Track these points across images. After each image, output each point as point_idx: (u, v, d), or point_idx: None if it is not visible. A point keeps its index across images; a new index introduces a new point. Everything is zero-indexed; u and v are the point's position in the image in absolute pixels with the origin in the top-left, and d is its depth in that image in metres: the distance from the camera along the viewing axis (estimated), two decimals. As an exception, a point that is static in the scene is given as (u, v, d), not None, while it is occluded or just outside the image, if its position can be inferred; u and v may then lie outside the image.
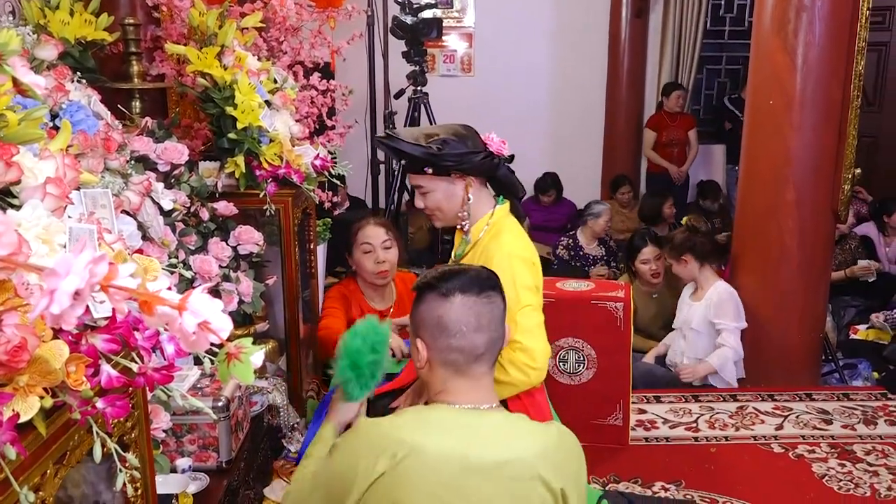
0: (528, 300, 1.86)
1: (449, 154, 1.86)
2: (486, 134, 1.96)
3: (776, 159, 3.57)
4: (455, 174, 1.91)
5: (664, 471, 2.97)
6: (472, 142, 1.91)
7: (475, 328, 1.45)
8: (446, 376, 1.47)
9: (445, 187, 1.93)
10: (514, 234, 1.96)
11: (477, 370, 1.47)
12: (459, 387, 1.46)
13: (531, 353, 1.82)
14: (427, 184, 1.93)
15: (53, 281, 0.69)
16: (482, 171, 1.94)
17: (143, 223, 1.66)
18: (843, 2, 3.39)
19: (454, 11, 6.62)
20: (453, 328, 1.45)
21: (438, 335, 1.46)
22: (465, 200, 1.93)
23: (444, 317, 1.45)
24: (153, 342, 0.91)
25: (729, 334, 3.62)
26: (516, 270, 1.86)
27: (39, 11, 1.96)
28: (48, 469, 0.90)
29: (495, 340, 1.49)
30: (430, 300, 1.48)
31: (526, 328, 1.83)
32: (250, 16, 2.54)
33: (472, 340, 1.45)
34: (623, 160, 6.68)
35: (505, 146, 1.96)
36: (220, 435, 1.92)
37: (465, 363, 1.45)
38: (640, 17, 6.48)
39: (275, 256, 2.48)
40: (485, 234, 1.94)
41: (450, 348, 1.45)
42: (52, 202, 0.96)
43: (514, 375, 1.82)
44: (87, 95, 1.72)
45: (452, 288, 1.47)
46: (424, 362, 1.49)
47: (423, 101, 4.61)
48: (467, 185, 1.93)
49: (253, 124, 2.23)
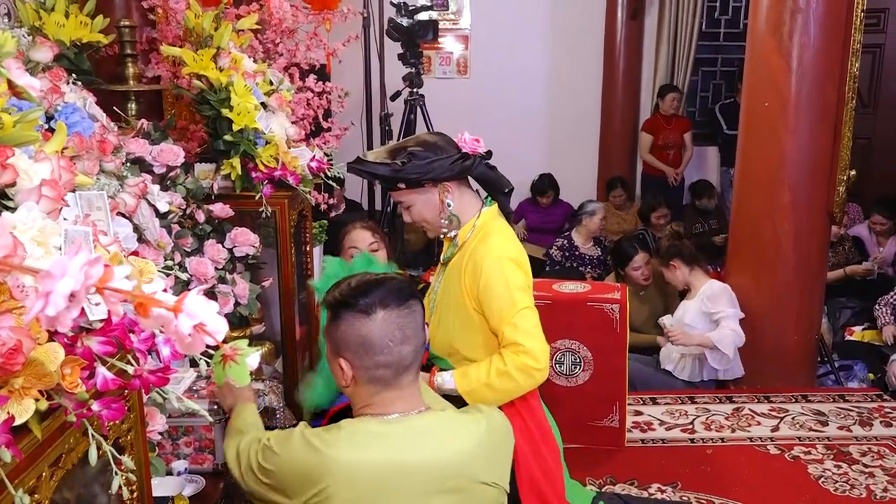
0: (524, 301, 1.86)
1: (413, 165, 1.85)
2: (459, 135, 1.94)
3: (771, 161, 3.58)
4: (427, 183, 1.90)
5: (660, 472, 2.97)
6: (443, 147, 1.90)
7: (401, 340, 1.42)
8: (373, 391, 1.44)
9: (422, 198, 1.92)
10: (503, 235, 1.95)
11: (405, 380, 1.44)
12: (387, 398, 1.44)
13: (534, 354, 1.82)
14: (406, 198, 1.94)
15: (49, 283, 0.69)
16: (454, 174, 1.91)
17: (139, 225, 1.65)
18: (837, 4, 3.40)
19: (450, 14, 6.62)
20: (379, 345, 1.41)
21: (364, 354, 1.42)
22: (444, 206, 1.92)
23: (369, 335, 1.41)
24: (149, 344, 0.91)
25: (728, 320, 3.60)
26: (508, 272, 1.86)
27: (34, 13, 1.96)
28: (44, 472, 0.90)
29: (419, 348, 1.47)
30: (349, 319, 1.43)
31: (525, 330, 1.83)
32: (246, 18, 2.54)
33: (399, 353, 1.42)
34: (619, 162, 6.69)
35: (479, 144, 1.93)
36: (217, 437, 1.91)
37: (394, 376, 1.43)
38: (636, 18, 6.49)
39: (271, 258, 2.47)
40: (472, 235, 1.93)
41: (377, 365, 1.42)
42: (47, 204, 0.96)
43: (521, 381, 1.83)
44: (83, 97, 1.71)
45: (372, 304, 1.42)
46: (350, 381, 1.45)
47: (419, 104, 4.61)
48: (442, 192, 1.91)
49: (249, 126, 2.22)
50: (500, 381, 1.82)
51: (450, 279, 1.96)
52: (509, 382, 1.81)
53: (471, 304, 1.88)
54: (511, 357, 1.81)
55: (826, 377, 4.02)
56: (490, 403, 1.83)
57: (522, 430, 1.92)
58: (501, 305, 1.83)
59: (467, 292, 1.89)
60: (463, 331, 1.92)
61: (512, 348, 1.82)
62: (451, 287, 1.94)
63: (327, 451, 1.36)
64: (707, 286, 3.69)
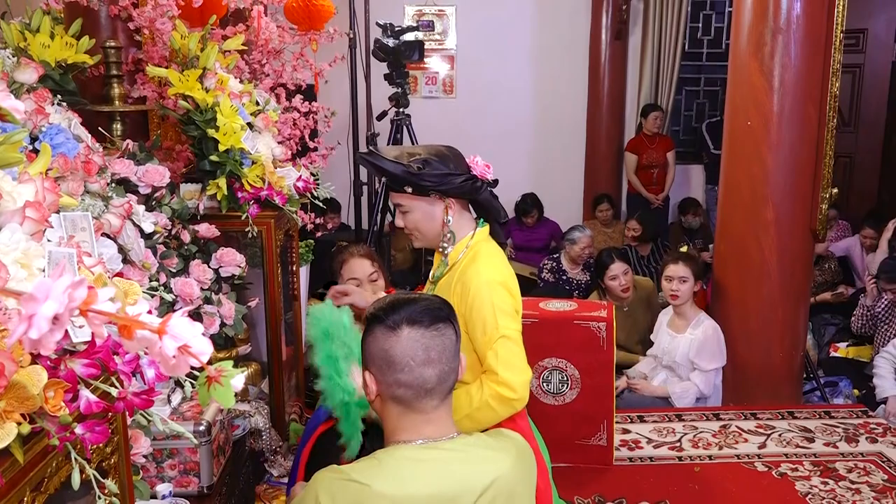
0: (508, 326, 1.84)
1: (429, 174, 1.85)
2: (472, 157, 1.95)
3: (755, 179, 3.62)
4: (434, 195, 1.90)
5: (649, 491, 2.96)
6: (455, 163, 1.91)
7: (423, 362, 1.40)
8: (398, 412, 1.43)
9: (425, 207, 1.92)
10: (494, 257, 1.94)
11: (428, 405, 1.42)
12: (413, 423, 1.42)
13: (511, 385, 1.81)
14: (407, 203, 1.92)
15: (32, 306, 0.69)
16: (462, 194, 1.92)
17: (124, 246, 1.65)
18: (817, 25, 3.46)
19: (436, 34, 6.67)
20: (400, 362, 1.40)
21: (386, 369, 1.41)
22: (445, 222, 1.92)
23: (391, 350, 1.40)
24: (133, 366, 0.90)
25: (700, 374, 3.68)
26: (495, 296, 1.86)
27: (19, 34, 1.95)
28: (25, 496, 0.88)
29: (447, 373, 1.44)
30: (377, 333, 1.43)
31: (505, 360, 1.82)
32: (232, 38, 2.55)
33: (420, 374, 1.40)
34: (604, 180, 6.74)
35: (489, 170, 1.95)
36: (202, 460, 1.90)
37: (415, 398, 1.41)
38: (620, 38, 6.57)
39: (257, 278, 2.47)
40: (464, 256, 1.93)
41: (398, 383, 1.40)
42: (31, 226, 0.96)
43: (499, 410, 1.83)
44: (68, 118, 1.71)
45: (399, 320, 1.42)
46: (375, 395, 1.45)
47: (406, 123, 4.63)
48: (447, 207, 1.91)
49: (235, 146, 2.23)
50: (480, 412, 1.83)
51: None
52: (489, 412, 1.82)
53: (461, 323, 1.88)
54: (489, 386, 1.81)
55: (812, 393, 4.04)
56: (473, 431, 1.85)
57: None
58: (485, 329, 1.83)
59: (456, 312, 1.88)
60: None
61: (491, 377, 1.82)
62: None
63: (371, 483, 1.33)
64: (701, 328, 3.69)
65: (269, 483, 2.43)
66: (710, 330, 3.68)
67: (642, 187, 6.39)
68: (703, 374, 3.67)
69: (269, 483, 2.43)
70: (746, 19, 3.56)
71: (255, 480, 2.40)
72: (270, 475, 2.45)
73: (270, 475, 2.45)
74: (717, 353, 3.67)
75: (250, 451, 2.39)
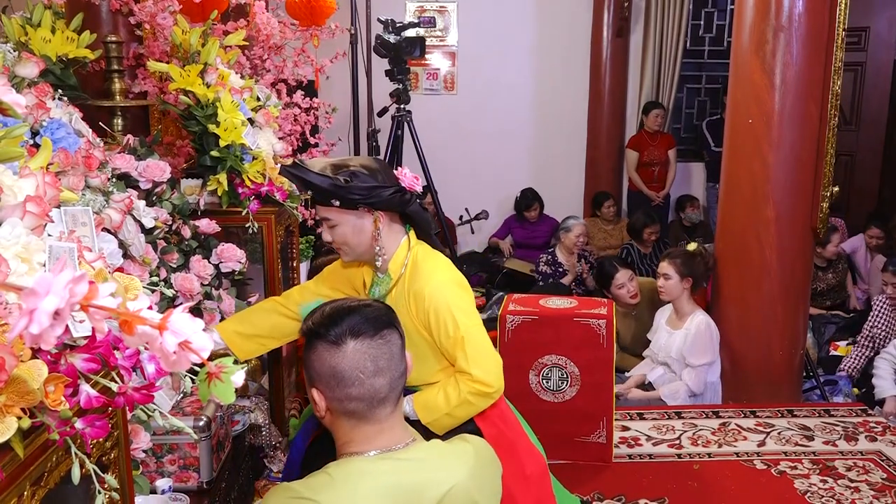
0: (468, 323, 1.85)
1: (357, 187, 1.81)
2: (400, 168, 1.92)
3: (756, 177, 3.61)
4: (363, 208, 1.86)
5: (648, 488, 2.97)
6: (383, 176, 1.87)
7: (373, 373, 1.36)
8: (350, 425, 1.38)
9: (353, 221, 1.87)
10: (433, 258, 1.93)
11: (381, 413, 1.38)
12: (366, 434, 1.38)
13: (484, 381, 1.83)
14: (335, 217, 1.87)
15: (33, 301, 0.69)
16: (391, 206, 1.88)
17: (125, 241, 1.65)
18: (819, 23, 3.45)
19: (437, 30, 6.66)
20: (349, 377, 1.35)
21: (335, 385, 1.36)
22: (375, 236, 1.89)
23: (338, 366, 1.36)
24: (133, 361, 0.90)
25: (691, 371, 3.68)
26: (450, 296, 1.85)
27: (20, 29, 1.95)
28: (25, 491, 0.89)
29: (397, 379, 1.41)
30: (320, 349, 1.38)
31: (474, 358, 1.83)
32: (233, 34, 2.54)
33: (371, 386, 1.36)
34: (605, 178, 6.73)
35: (417, 182, 1.91)
36: (201, 455, 1.90)
37: (368, 409, 1.37)
38: (621, 36, 6.55)
39: (257, 274, 2.47)
40: (406, 269, 1.91)
41: (349, 397, 1.36)
42: (31, 220, 0.96)
43: (477, 403, 1.86)
44: (69, 113, 1.71)
45: (342, 333, 1.37)
46: (325, 412, 1.40)
47: (407, 119, 4.62)
48: (376, 220, 1.88)
49: (236, 142, 2.23)
50: (460, 409, 1.85)
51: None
52: (468, 408, 1.85)
53: (425, 332, 1.88)
54: (465, 384, 1.83)
55: (811, 392, 4.04)
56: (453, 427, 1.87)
57: (498, 438, 1.91)
58: (448, 331, 1.83)
59: (418, 322, 1.88)
60: (422, 361, 1.90)
61: (465, 376, 1.84)
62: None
63: (319, 499, 1.29)
64: (694, 322, 3.70)
65: (268, 479, 2.43)
66: (703, 325, 3.68)
67: (643, 185, 6.39)
68: (693, 371, 3.66)
69: (268, 479, 2.43)
70: (748, 17, 3.55)
71: (254, 476, 2.40)
72: (270, 471, 2.46)
73: (270, 471, 2.46)
74: (707, 348, 3.66)
75: (250, 446, 2.40)
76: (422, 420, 1.87)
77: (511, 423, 2.01)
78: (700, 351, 3.65)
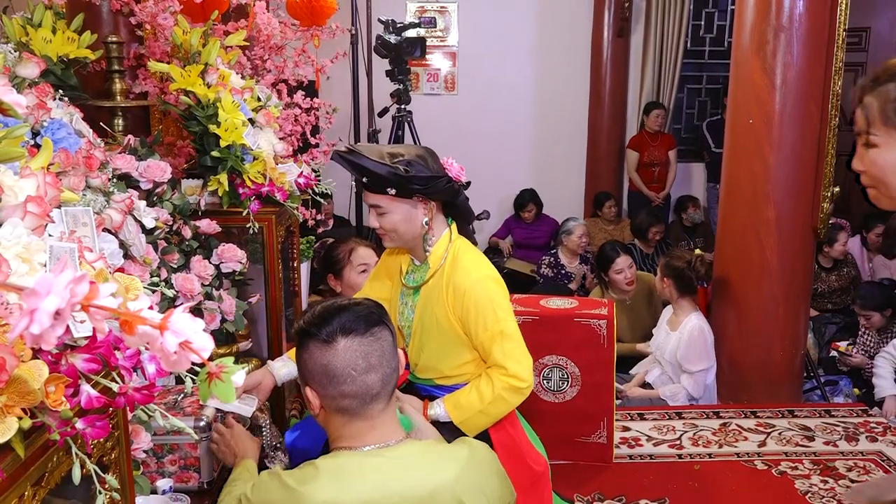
0: (506, 319, 1.87)
1: (416, 177, 1.80)
2: (446, 158, 1.92)
3: (756, 177, 3.61)
4: (418, 197, 1.86)
5: (649, 488, 2.97)
6: (435, 166, 1.87)
7: (365, 369, 1.39)
8: (343, 422, 1.41)
9: (406, 210, 1.87)
10: (473, 253, 1.94)
11: (374, 410, 1.41)
12: (358, 430, 1.41)
13: (519, 375, 1.85)
14: (387, 205, 1.86)
15: (34, 301, 0.68)
16: (445, 197, 1.89)
17: (125, 241, 1.64)
18: (820, 23, 3.45)
19: (438, 31, 6.66)
20: (342, 374, 1.38)
21: (327, 383, 1.39)
22: (424, 225, 1.89)
23: (330, 364, 1.39)
24: (134, 362, 0.90)
25: (689, 378, 3.69)
26: (491, 291, 1.87)
27: (21, 29, 1.95)
28: (26, 491, 0.88)
29: (389, 376, 1.43)
30: (312, 348, 1.41)
31: (510, 354, 1.85)
32: (234, 34, 2.54)
33: (363, 382, 1.39)
34: (606, 178, 6.73)
35: (463, 172, 1.92)
36: (202, 455, 1.90)
37: (361, 406, 1.40)
38: (622, 36, 6.56)
39: (258, 274, 2.46)
40: (446, 260, 1.91)
41: (342, 395, 1.39)
42: (32, 221, 0.96)
43: (511, 400, 1.87)
44: (69, 113, 1.71)
45: (333, 332, 1.40)
46: (318, 410, 1.43)
47: (407, 120, 4.63)
48: (429, 210, 1.88)
49: (236, 142, 2.22)
50: (493, 406, 1.85)
51: (428, 303, 1.93)
52: (502, 405, 1.85)
53: (458, 325, 1.88)
54: (500, 380, 1.84)
55: (812, 392, 4.04)
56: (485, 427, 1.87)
57: (506, 441, 1.92)
58: (486, 325, 1.84)
59: (452, 314, 1.88)
60: (450, 353, 1.91)
61: (498, 370, 1.85)
62: (432, 311, 1.92)
63: (302, 490, 1.32)
64: (689, 325, 3.70)
65: (269, 479, 2.43)
66: (696, 331, 3.67)
67: (643, 185, 6.39)
68: (691, 378, 3.67)
69: (269, 479, 2.43)
70: (749, 17, 3.55)
71: (255, 476, 2.40)
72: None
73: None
74: (702, 354, 3.67)
75: (250, 446, 2.39)
76: (454, 420, 1.86)
77: (516, 425, 2.02)
78: (695, 357, 3.65)
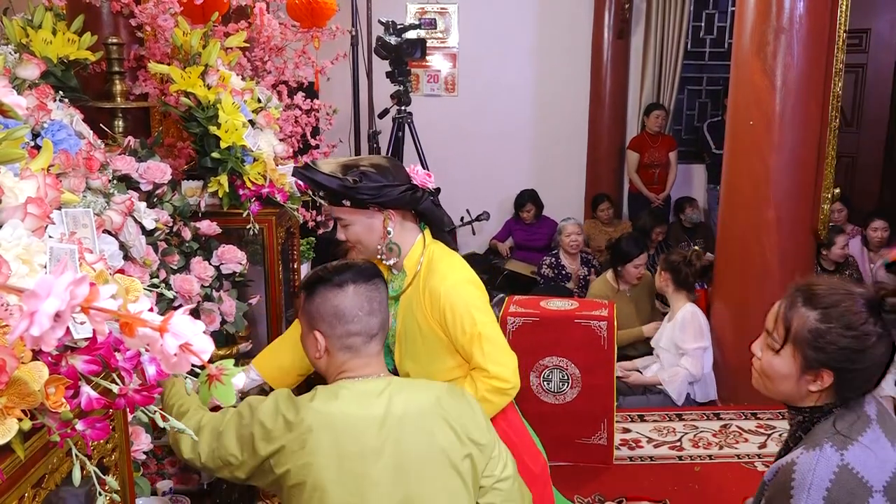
0: (484, 321, 1.87)
1: (365, 187, 1.83)
2: (412, 166, 1.93)
3: (757, 178, 3.61)
4: (373, 207, 1.87)
5: (649, 490, 2.97)
6: (394, 174, 1.88)
7: (369, 312, 1.62)
8: (345, 359, 1.61)
9: (364, 220, 1.90)
10: (449, 258, 1.94)
11: (372, 349, 1.63)
12: (356, 365, 1.62)
13: (502, 377, 1.85)
14: (347, 216, 1.90)
15: (34, 303, 0.68)
16: (401, 204, 1.90)
17: (125, 243, 1.64)
18: (820, 24, 3.45)
19: (438, 32, 6.66)
20: (350, 314, 1.60)
21: (336, 323, 1.60)
22: (385, 234, 1.90)
23: (341, 305, 1.60)
24: (134, 363, 0.90)
25: (688, 357, 3.70)
26: (466, 295, 1.87)
27: (21, 30, 1.95)
28: (26, 492, 0.88)
29: (384, 320, 1.67)
30: (324, 293, 1.62)
31: (491, 356, 1.85)
32: (234, 35, 2.54)
33: (367, 322, 1.61)
34: (606, 179, 6.73)
35: (430, 179, 1.93)
36: (202, 457, 1.89)
37: (363, 344, 1.61)
38: (622, 37, 6.55)
39: (258, 276, 2.46)
40: (422, 267, 1.92)
41: (349, 333, 1.60)
42: (32, 222, 0.96)
43: (495, 401, 1.87)
44: (70, 114, 1.71)
45: (345, 279, 1.62)
46: (323, 352, 1.62)
47: (407, 121, 4.63)
48: (385, 219, 1.89)
49: (237, 143, 2.22)
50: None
51: (409, 311, 1.93)
52: (487, 406, 1.84)
53: (439, 330, 1.89)
54: (483, 382, 1.85)
55: (812, 393, 4.03)
56: None
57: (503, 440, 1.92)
58: (465, 328, 1.84)
59: (432, 319, 1.88)
60: (435, 359, 1.92)
61: (481, 373, 1.85)
62: (413, 318, 1.92)
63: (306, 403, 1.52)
64: (681, 312, 3.74)
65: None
66: (688, 313, 3.74)
67: (643, 186, 6.39)
68: (689, 357, 3.69)
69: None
70: (749, 19, 3.55)
71: (255, 477, 2.40)
72: (271, 472, 2.45)
73: (271, 472, 2.45)
74: (697, 332, 3.70)
75: (251, 448, 2.39)
76: None
77: (515, 425, 2.01)
78: (691, 335, 3.68)
